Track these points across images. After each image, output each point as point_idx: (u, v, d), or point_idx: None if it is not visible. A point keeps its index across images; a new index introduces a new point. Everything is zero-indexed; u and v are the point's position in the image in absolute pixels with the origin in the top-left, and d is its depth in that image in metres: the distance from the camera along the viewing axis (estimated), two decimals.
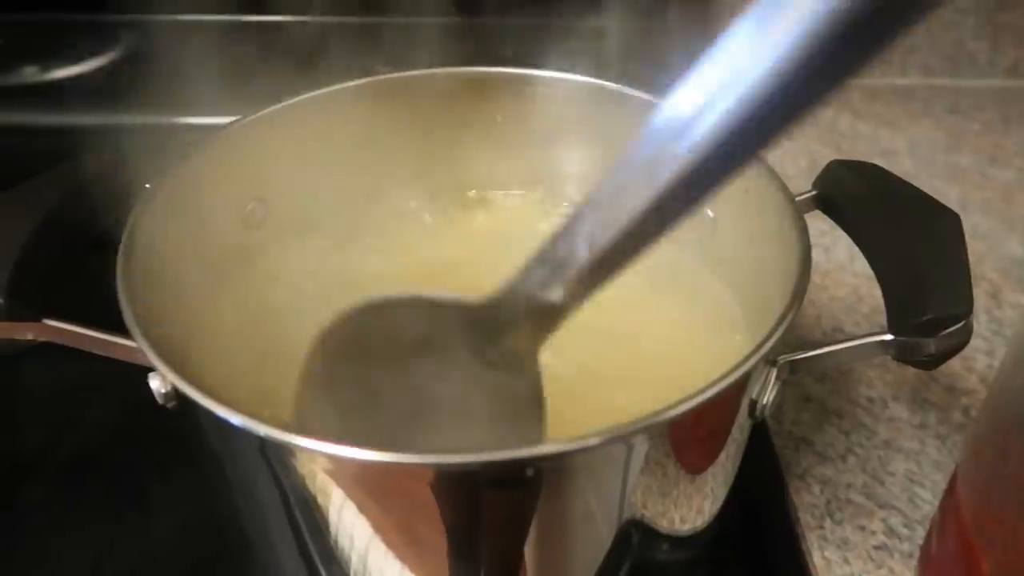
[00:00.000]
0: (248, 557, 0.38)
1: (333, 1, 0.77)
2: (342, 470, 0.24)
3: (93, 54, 0.78)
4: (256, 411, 0.22)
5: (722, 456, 0.28)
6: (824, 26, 0.16)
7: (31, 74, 0.78)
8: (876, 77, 0.77)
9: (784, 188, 0.30)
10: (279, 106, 0.35)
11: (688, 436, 0.25)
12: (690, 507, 0.29)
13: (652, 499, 0.27)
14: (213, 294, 0.32)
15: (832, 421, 0.45)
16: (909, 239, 0.26)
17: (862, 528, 0.40)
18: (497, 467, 0.23)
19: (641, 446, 0.24)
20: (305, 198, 0.36)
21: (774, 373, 0.26)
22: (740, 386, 0.25)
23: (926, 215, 0.27)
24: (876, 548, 0.39)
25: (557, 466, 0.24)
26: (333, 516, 0.25)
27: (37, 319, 0.26)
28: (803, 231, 0.27)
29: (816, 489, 0.41)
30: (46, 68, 0.78)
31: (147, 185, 0.32)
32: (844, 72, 0.17)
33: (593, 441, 0.22)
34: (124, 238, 0.27)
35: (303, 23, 0.79)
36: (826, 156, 0.64)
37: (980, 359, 0.48)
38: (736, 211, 0.32)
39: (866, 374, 0.48)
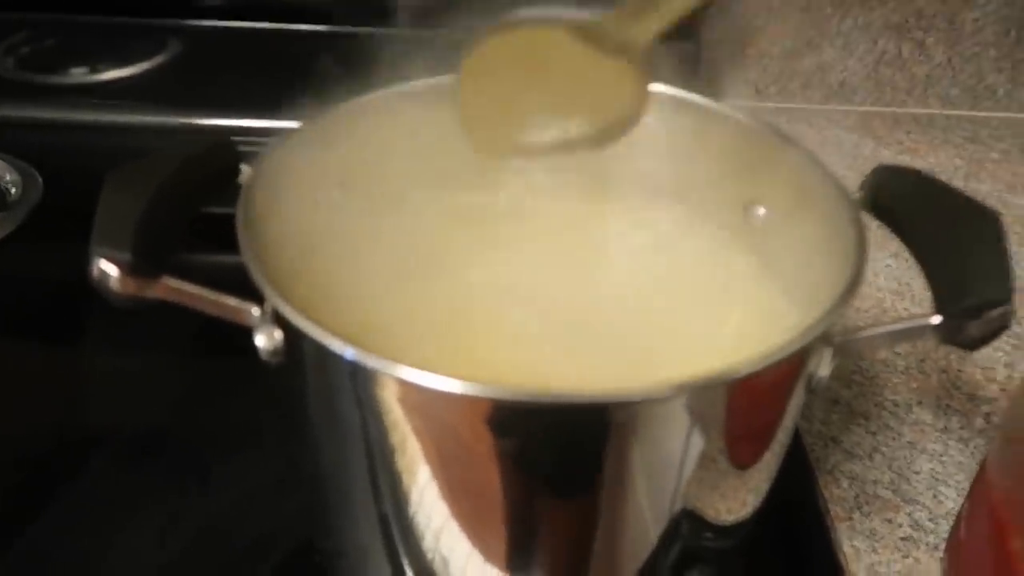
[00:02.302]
0: (312, 527, 0.40)
1: (374, 13, 0.80)
2: (424, 400, 0.26)
3: (141, 57, 0.81)
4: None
5: (778, 435, 0.30)
6: None
7: (80, 74, 0.80)
8: (898, 106, 0.80)
9: (840, 185, 0.32)
10: (366, 98, 0.38)
11: (749, 406, 0.27)
12: (744, 491, 0.31)
13: (705, 484, 0.29)
14: (301, 266, 0.34)
15: (859, 422, 0.47)
16: (953, 234, 0.28)
17: (889, 521, 0.42)
18: (563, 409, 0.25)
19: (705, 407, 0.26)
20: (385, 181, 0.39)
21: (830, 352, 0.28)
22: (802, 356, 0.27)
23: (969, 213, 0.29)
24: (903, 539, 0.41)
25: (618, 414, 0.26)
26: (413, 449, 0.27)
27: (158, 277, 0.28)
28: (859, 221, 0.30)
29: (845, 484, 0.43)
30: (95, 69, 0.80)
31: (242, 167, 0.34)
32: None
33: (658, 388, 0.25)
34: (241, 204, 0.30)
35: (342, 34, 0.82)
36: (850, 180, 0.67)
37: (1000, 371, 0.50)
38: (791, 210, 0.35)
39: (891, 380, 0.50)
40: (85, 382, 0.52)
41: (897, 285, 0.57)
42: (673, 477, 0.28)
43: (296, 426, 0.39)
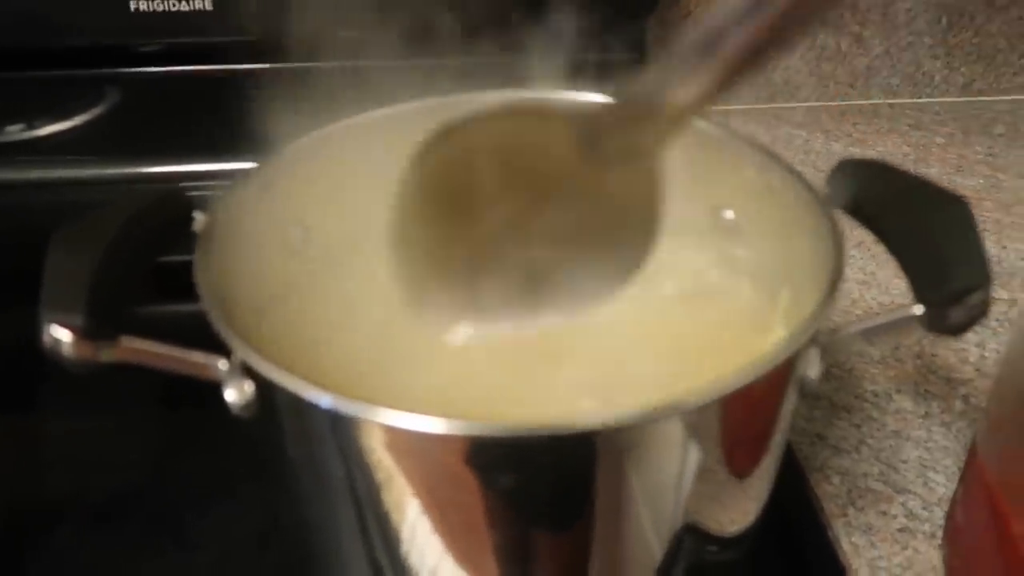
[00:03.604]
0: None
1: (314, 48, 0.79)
2: (406, 441, 0.25)
3: (79, 109, 0.79)
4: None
5: (774, 440, 0.30)
6: None
7: (16, 131, 0.78)
8: (842, 99, 0.81)
9: (807, 183, 0.32)
10: (323, 131, 0.37)
11: (744, 417, 0.27)
12: (745, 500, 0.30)
13: (705, 497, 0.29)
14: (267, 313, 0.33)
15: (842, 416, 0.47)
16: (925, 222, 0.28)
17: (884, 513, 0.41)
18: (553, 440, 0.24)
19: (699, 423, 0.26)
20: (347, 221, 0.37)
21: (818, 353, 0.28)
22: (792, 361, 0.26)
23: (938, 200, 0.29)
24: (899, 531, 0.40)
25: (611, 440, 0.25)
26: (402, 495, 0.26)
27: (115, 338, 0.27)
28: (831, 218, 0.30)
29: (836, 480, 0.43)
30: (32, 125, 0.78)
31: (195, 214, 0.33)
32: None
33: (651, 411, 0.24)
34: (198, 253, 0.29)
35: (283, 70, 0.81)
36: (807, 175, 0.67)
37: (973, 351, 0.51)
38: (760, 211, 0.35)
39: (868, 371, 0.50)
40: (42, 449, 0.49)
41: (863, 275, 0.57)
42: (672, 495, 0.27)
43: (275, 476, 0.38)
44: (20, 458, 0.48)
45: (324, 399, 0.24)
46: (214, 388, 0.28)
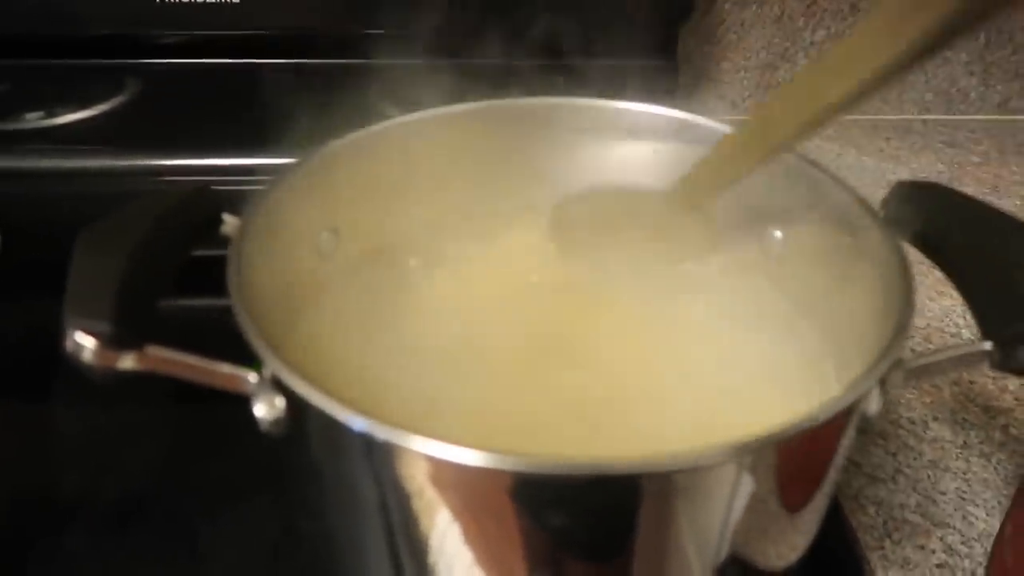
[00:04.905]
0: None
1: (336, 45, 0.78)
2: (444, 473, 0.24)
3: (99, 99, 0.78)
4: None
5: (829, 476, 0.28)
6: None
7: (35, 119, 0.77)
8: (874, 113, 0.79)
9: (871, 208, 0.31)
10: (352, 136, 0.35)
11: (801, 457, 0.25)
12: (795, 535, 0.29)
13: (753, 531, 0.27)
14: (297, 322, 0.32)
15: (877, 443, 0.45)
16: (994, 254, 0.27)
17: (921, 547, 0.40)
18: (600, 480, 0.23)
19: (755, 465, 0.24)
20: (379, 225, 0.36)
21: (879, 389, 0.26)
22: (855, 404, 0.25)
23: (1002, 229, 0.28)
24: (938, 566, 0.39)
25: (660, 481, 0.24)
26: (439, 525, 0.25)
27: (141, 346, 0.25)
28: (899, 249, 0.28)
29: (871, 510, 0.42)
30: (51, 113, 0.77)
31: (224, 216, 0.32)
32: None
33: (702, 455, 0.22)
34: (231, 261, 0.27)
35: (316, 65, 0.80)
36: None
37: (1012, 380, 0.49)
38: (812, 234, 0.33)
39: (904, 396, 0.48)
40: (55, 446, 0.48)
41: None
42: (718, 531, 0.26)
43: (292, 486, 0.36)
44: (32, 455, 0.47)
45: (359, 422, 0.23)
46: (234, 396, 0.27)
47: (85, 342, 0.24)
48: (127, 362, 0.25)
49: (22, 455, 0.46)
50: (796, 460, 0.25)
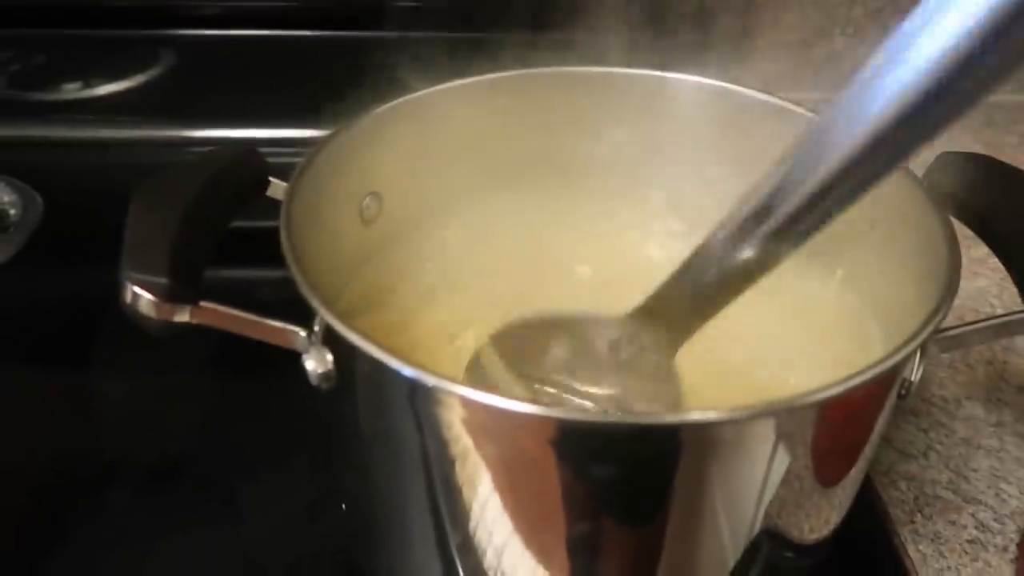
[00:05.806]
0: (354, 548, 0.38)
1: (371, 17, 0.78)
2: (489, 421, 0.24)
3: (135, 70, 0.79)
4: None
5: (867, 448, 0.28)
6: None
7: (73, 90, 0.78)
8: None
9: (917, 179, 0.31)
10: (397, 102, 0.36)
11: (840, 424, 0.26)
12: (829, 508, 0.29)
13: (788, 503, 0.28)
14: (345, 287, 0.32)
15: (909, 420, 0.46)
16: None
17: (952, 523, 0.40)
18: (641, 431, 0.23)
19: (793, 428, 0.25)
20: (420, 191, 0.36)
21: (919, 355, 0.26)
22: (896, 370, 0.25)
23: None
24: (969, 542, 0.39)
25: (698, 436, 0.24)
26: (480, 474, 0.26)
27: (195, 301, 0.26)
28: (946, 219, 0.28)
29: (903, 485, 0.42)
30: (88, 84, 0.78)
31: (270, 178, 0.32)
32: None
33: (743, 411, 0.23)
34: (283, 222, 0.28)
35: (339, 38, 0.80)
36: None
37: None
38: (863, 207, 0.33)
39: (937, 374, 0.48)
40: (95, 409, 0.49)
41: None
42: (754, 499, 0.26)
43: (330, 446, 0.37)
44: (73, 418, 0.48)
45: (407, 370, 0.23)
46: (267, 352, 0.27)
47: (143, 295, 0.25)
48: (183, 315, 0.26)
49: (64, 418, 0.47)
50: (836, 427, 0.25)
